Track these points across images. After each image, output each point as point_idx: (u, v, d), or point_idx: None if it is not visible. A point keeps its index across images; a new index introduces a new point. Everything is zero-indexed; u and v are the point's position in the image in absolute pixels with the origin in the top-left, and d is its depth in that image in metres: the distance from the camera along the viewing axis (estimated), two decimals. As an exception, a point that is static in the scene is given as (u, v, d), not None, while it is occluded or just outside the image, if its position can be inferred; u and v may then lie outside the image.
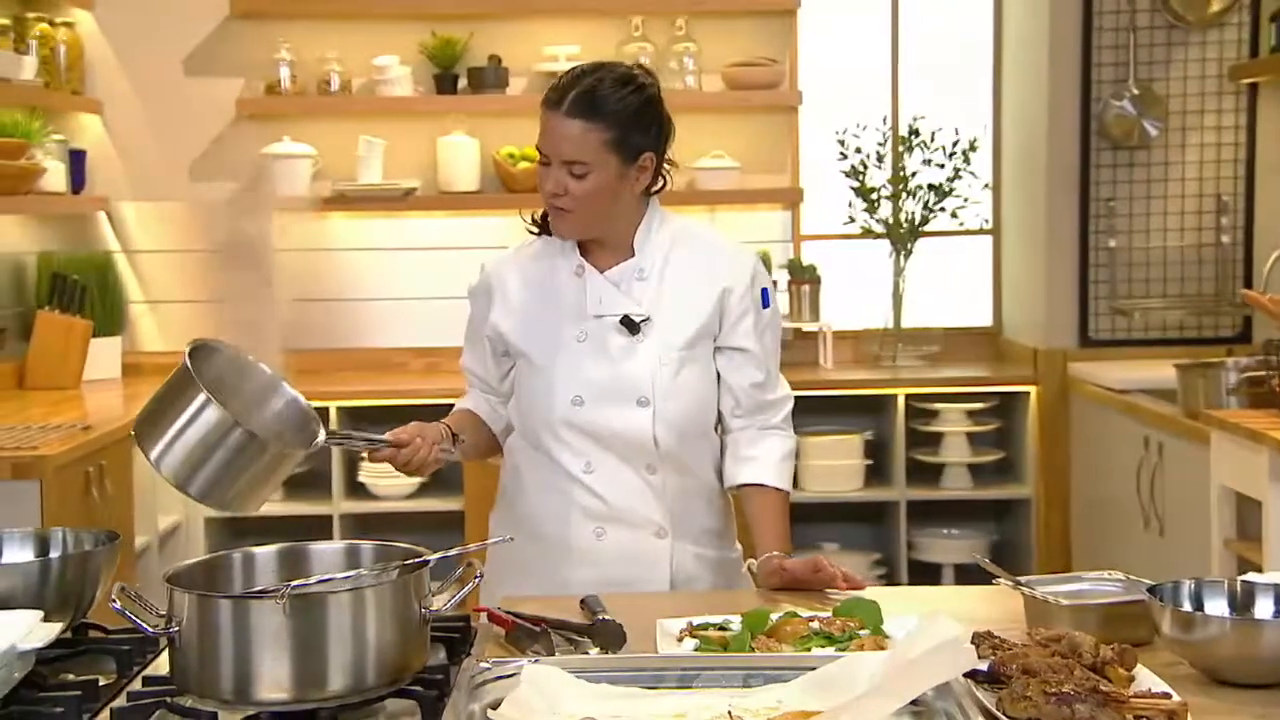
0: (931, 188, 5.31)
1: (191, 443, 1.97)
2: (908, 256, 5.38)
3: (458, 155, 5.21)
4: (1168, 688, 1.69)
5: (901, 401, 5.08)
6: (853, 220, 5.38)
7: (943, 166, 5.32)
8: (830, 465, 5.13)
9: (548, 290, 2.50)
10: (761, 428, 2.53)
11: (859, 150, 5.33)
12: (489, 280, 2.56)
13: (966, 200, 5.34)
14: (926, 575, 5.18)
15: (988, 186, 5.50)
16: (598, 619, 2.01)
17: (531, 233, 2.57)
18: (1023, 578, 2.06)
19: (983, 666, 1.72)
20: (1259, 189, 5.05)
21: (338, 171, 5.21)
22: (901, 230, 5.34)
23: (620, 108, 2.37)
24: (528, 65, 5.24)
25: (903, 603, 2.16)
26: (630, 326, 2.44)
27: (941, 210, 5.32)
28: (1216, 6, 5.03)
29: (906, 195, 5.33)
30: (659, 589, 2.46)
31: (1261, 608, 1.86)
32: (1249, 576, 1.97)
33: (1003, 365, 5.43)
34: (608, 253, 2.49)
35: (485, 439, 2.61)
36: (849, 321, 5.46)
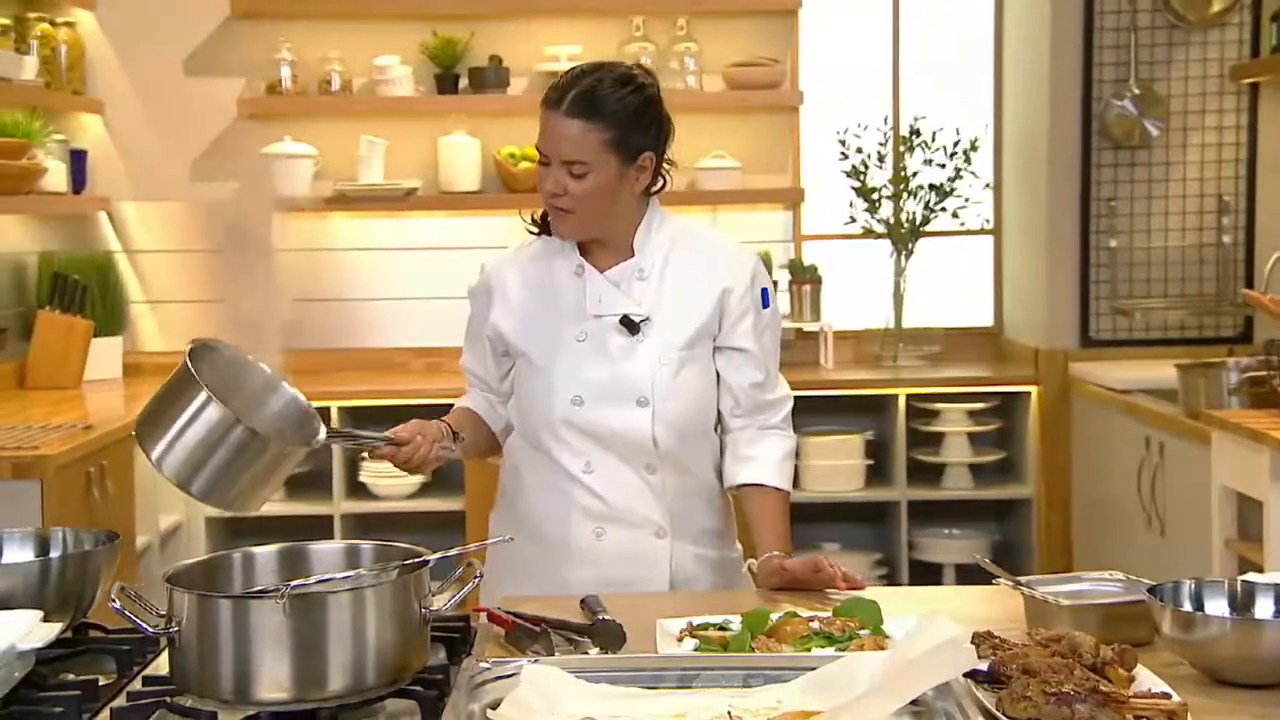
0: (932, 188, 5.31)
1: (193, 442, 1.97)
2: (908, 256, 5.38)
3: (459, 155, 5.21)
4: (1168, 688, 1.69)
5: (902, 401, 5.08)
6: (854, 220, 5.38)
7: (944, 166, 5.32)
8: (831, 465, 5.13)
9: (547, 290, 2.50)
10: (761, 427, 2.53)
11: (860, 150, 5.33)
12: (489, 280, 2.56)
13: (967, 200, 5.34)
14: (927, 575, 5.18)
15: (989, 186, 5.50)
16: (598, 619, 2.01)
17: (531, 233, 2.57)
18: (1023, 578, 2.06)
19: (983, 666, 1.72)
20: (1260, 189, 5.05)
21: (339, 171, 5.21)
22: (902, 230, 5.34)
23: (620, 107, 2.37)
24: (529, 65, 5.23)
25: (903, 603, 2.17)
26: (630, 326, 2.44)
27: (942, 210, 5.32)
28: (1217, 6, 5.03)
29: (907, 195, 5.33)
30: (659, 589, 2.46)
31: (1262, 608, 1.86)
32: (1249, 576, 1.97)
33: (1004, 365, 5.42)
34: (608, 253, 2.49)
35: (485, 438, 2.61)
36: (850, 321, 5.46)
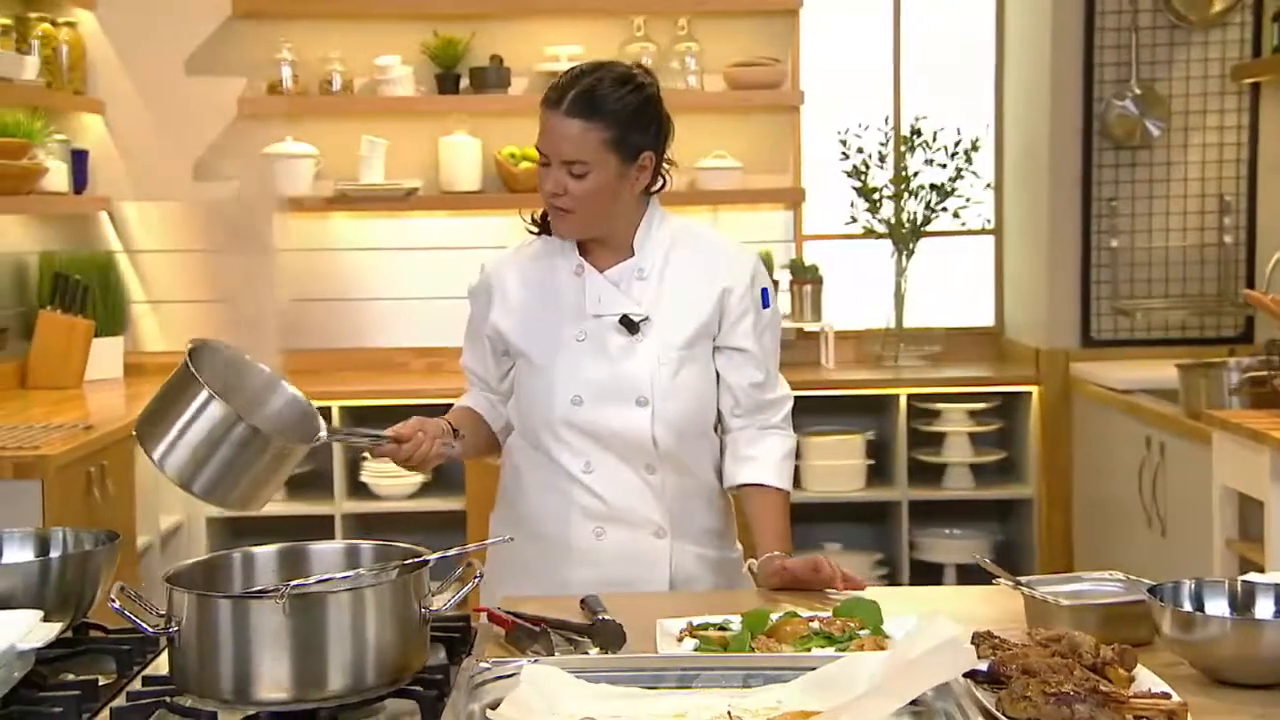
0: (933, 188, 5.31)
1: (194, 440, 1.97)
2: (909, 256, 5.38)
3: (459, 155, 5.21)
4: (1168, 688, 1.69)
5: (903, 401, 5.08)
6: (855, 220, 5.38)
7: (944, 166, 5.31)
8: (832, 465, 5.13)
9: (547, 290, 2.50)
10: (761, 427, 2.52)
11: (861, 150, 5.33)
12: (489, 280, 2.56)
13: (968, 200, 5.34)
14: (928, 575, 5.18)
15: (989, 186, 5.50)
16: (598, 619, 2.01)
17: (531, 232, 2.57)
18: (1023, 578, 2.06)
19: (983, 666, 1.72)
20: (1261, 189, 5.05)
21: (340, 171, 5.21)
22: (903, 230, 5.34)
23: (619, 107, 2.37)
24: (529, 65, 5.23)
25: (903, 603, 2.17)
26: (629, 326, 2.44)
27: (943, 210, 5.32)
28: (1219, 6, 5.02)
29: (908, 195, 5.33)
30: (659, 589, 2.46)
31: (1262, 608, 1.86)
32: (1249, 576, 1.97)
33: (1004, 365, 5.42)
34: (607, 252, 2.49)
35: (485, 437, 2.61)
36: (851, 321, 5.46)
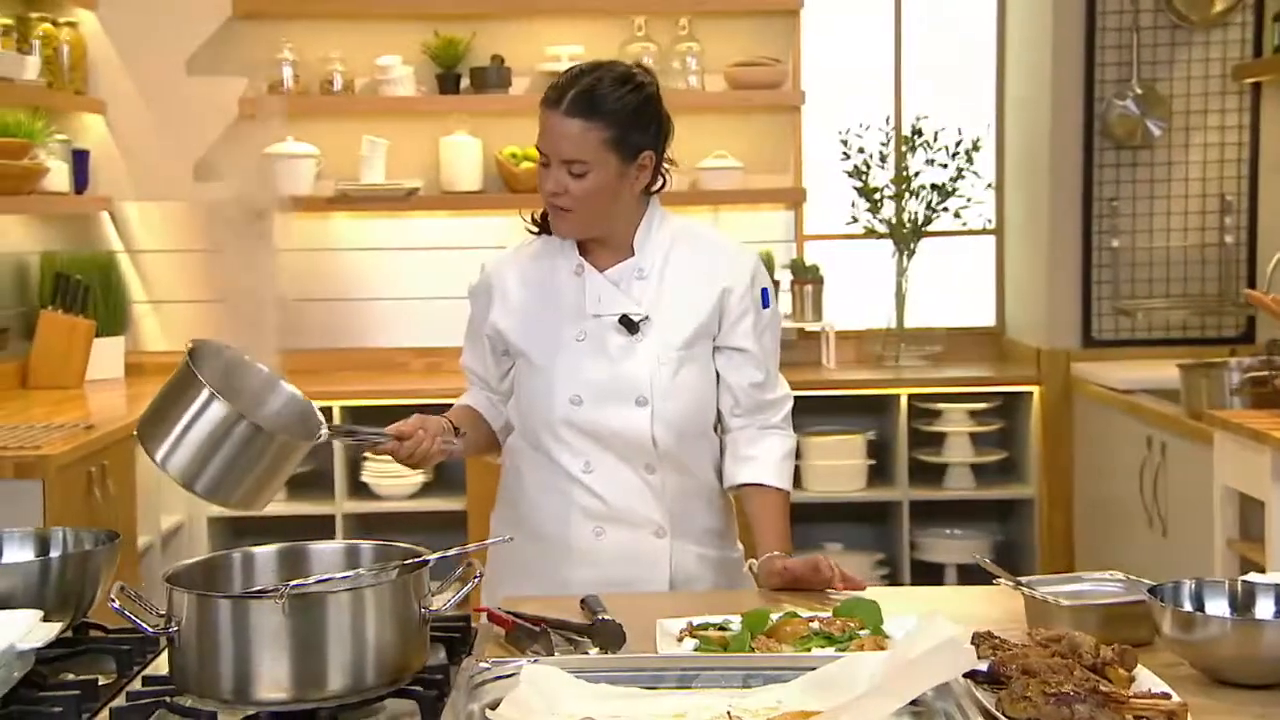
0: (934, 188, 5.30)
1: (197, 440, 1.97)
2: (910, 256, 5.38)
3: (460, 155, 5.21)
4: (1168, 688, 1.68)
5: (904, 401, 5.08)
6: (855, 220, 5.38)
7: (945, 166, 5.31)
8: (833, 465, 5.12)
9: (547, 290, 2.50)
10: (761, 427, 2.52)
11: (862, 150, 5.33)
12: (489, 280, 2.56)
13: (969, 200, 5.34)
14: (929, 575, 5.18)
15: (990, 186, 5.49)
16: (598, 619, 2.01)
17: (531, 232, 2.57)
18: (1023, 578, 2.06)
19: (983, 666, 1.72)
20: (1262, 189, 5.05)
21: (340, 171, 5.21)
22: (904, 230, 5.33)
23: (619, 106, 2.37)
24: (530, 65, 5.23)
25: (903, 603, 2.16)
26: (629, 326, 2.44)
27: (944, 210, 5.32)
28: (1220, 6, 5.02)
29: (909, 195, 5.33)
30: (659, 589, 2.46)
31: (1262, 608, 1.86)
32: (1249, 577, 1.96)
33: (1005, 365, 5.42)
34: (608, 252, 2.49)
35: (485, 435, 2.61)
36: (852, 321, 5.46)
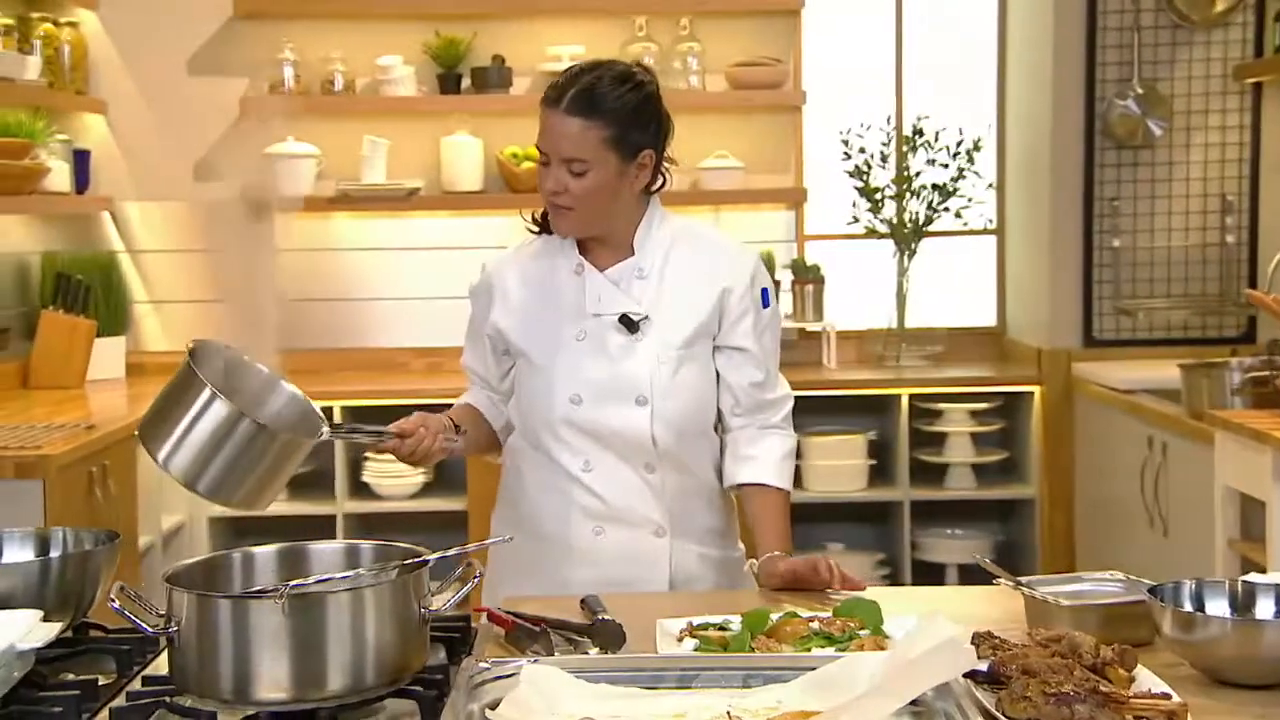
0: (935, 188, 5.30)
1: (199, 440, 1.97)
2: (911, 256, 5.38)
3: (461, 155, 5.21)
4: (1168, 688, 1.68)
5: (905, 401, 5.08)
6: (856, 220, 5.38)
7: (946, 166, 5.31)
8: (834, 465, 5.12)
9: (547, 289, 2.50)
10: (761, 427, 2.52)
11: (863, 150, 5.33)
12: (489, 279, 2.56)
13: (970, 200, 5.34)
14: (930, 575, 5.18)
15: (992, 186, 5.49)
16: (598, 619, 2.01)
17: (532, 232, 2.57)
18: (1023, 578, 2.05)
19: (983, 666, 1.71)
20: (1263, 189, 5.05)
21: (341, 171, 5.21)
22: (905, 230, 5.33)
23: (619, 105, 2.37)
24: (531, 65, 5.23)
25: (903, 603, 2.16)
26: (629, 325, 2.44)
27: (945, 210, 5.32)
28: (1221, 6, 5.02)
29: (910, 195, 5.32)
30: (659, 588, 2.46)
31: (1262, 608, 1.86)
32: (1250, 577, 1.96)
33: (1006, 365, 5.42)
34: (608, 251, 2.49)
35: (485, 434, 2.61)
36: (853, 321, 5.46)
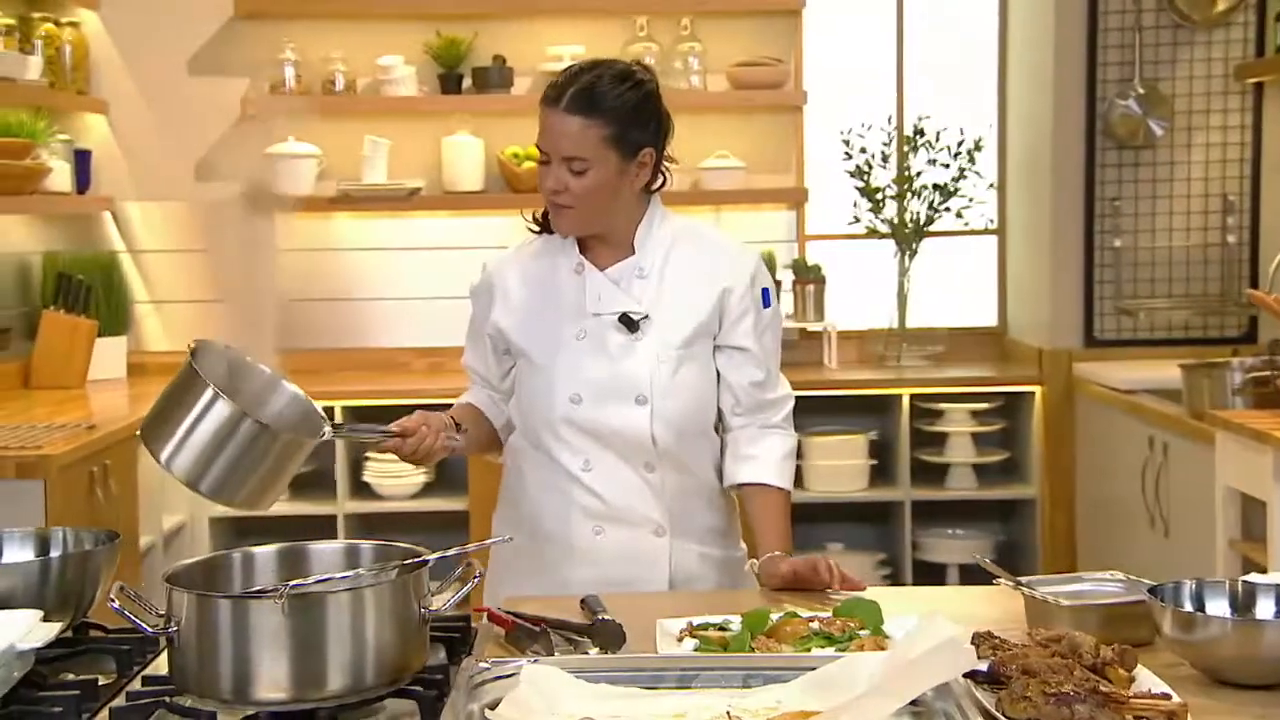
0: (936, 188, 5.30)
1: (201, 440, 1.97)
2: (912, 256, 5.38)
3: (462, 155, 5.21)
4: (1168, 688, 1.68)
5: (906, 401, 5.08)
6: (857, 220, 5.38)
7: (948, 166, 5.31)
8: (835, 465, 5.12)
9: (548, 288, 2.50)
10: (762, 426, 2.52)
11: (864, 150, 5.33)
12: (490, 279, 2.56)
13: (971, 200, 5.34)
14: (931, 575, 5.18)
15: (993, 186, 5.49)
16: (598, 619, 2.01)
17: (532, 231, 2.57)
18: (1024, 578, 2.05)
19: (982, 667, 1.71)
20: (1265, 189, 5.04)
21: (342, 171, 5.21)
22: (906, 230, 5.33)
23: (619, 104, 2.37)
24: (532, 65, 5.23)
25: (903, 603, 2.16)
26: (629, 324, 2.44)
27: (946, 210, 5.32)
28: (1222, 6, 5.02)
29: (911, 195, 5.32)
30: (658, 588, 2.46)
31: (1263, 608, 1.86)
32: (1250, 577, 1.96)
33: (1007, 365, 5.42)
34: (608, 250, 2.49)
35: (486, 433, 2.61)
36: (854, 321, 5.46)
